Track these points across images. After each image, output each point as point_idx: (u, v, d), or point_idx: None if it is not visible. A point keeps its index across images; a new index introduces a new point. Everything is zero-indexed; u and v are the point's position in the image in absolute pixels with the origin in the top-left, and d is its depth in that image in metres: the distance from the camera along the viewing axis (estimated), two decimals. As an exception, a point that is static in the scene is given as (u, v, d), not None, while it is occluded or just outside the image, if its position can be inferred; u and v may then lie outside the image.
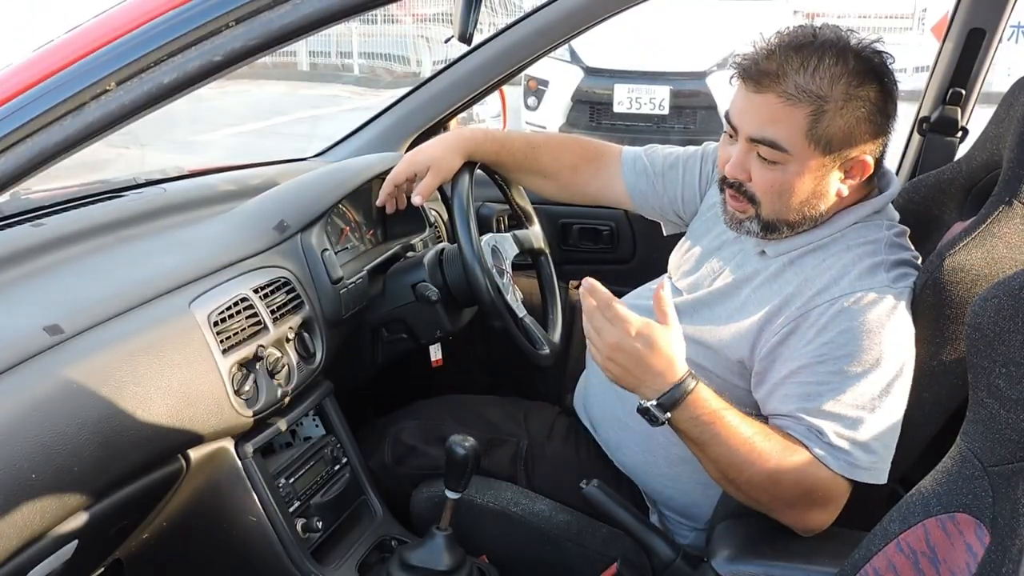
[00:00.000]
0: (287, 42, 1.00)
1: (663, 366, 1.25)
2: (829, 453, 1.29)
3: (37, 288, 1.25)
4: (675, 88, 6.53)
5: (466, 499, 1.50)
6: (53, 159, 0.97)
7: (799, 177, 1.33)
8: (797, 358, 1.33)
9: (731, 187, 1.39)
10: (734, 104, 1.37)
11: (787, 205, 1.36)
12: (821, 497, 1.30)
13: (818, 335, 1.32)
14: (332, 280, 1.59)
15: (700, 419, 1.27)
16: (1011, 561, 0.84)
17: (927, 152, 2.17)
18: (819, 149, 1.31)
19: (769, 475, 1.28)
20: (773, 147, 1.32)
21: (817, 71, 1.29)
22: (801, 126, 1.30)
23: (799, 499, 1.30)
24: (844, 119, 1.29)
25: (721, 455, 1.28)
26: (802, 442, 1.30)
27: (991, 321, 0.92)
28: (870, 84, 1.31)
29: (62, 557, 1.15)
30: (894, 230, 1.41)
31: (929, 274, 1.31)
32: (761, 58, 1.32)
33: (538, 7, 2.05)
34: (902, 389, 1.30)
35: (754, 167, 1.35)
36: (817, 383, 1.30)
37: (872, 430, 1.29)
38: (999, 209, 1.30)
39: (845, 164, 1.33)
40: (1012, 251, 1.29)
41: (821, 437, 1.30)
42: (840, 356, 1.30)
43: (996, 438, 0.91)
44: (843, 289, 1.32)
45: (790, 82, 1.29)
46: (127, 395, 1.16)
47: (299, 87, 10.49)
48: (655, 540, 1.38)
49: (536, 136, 1.81)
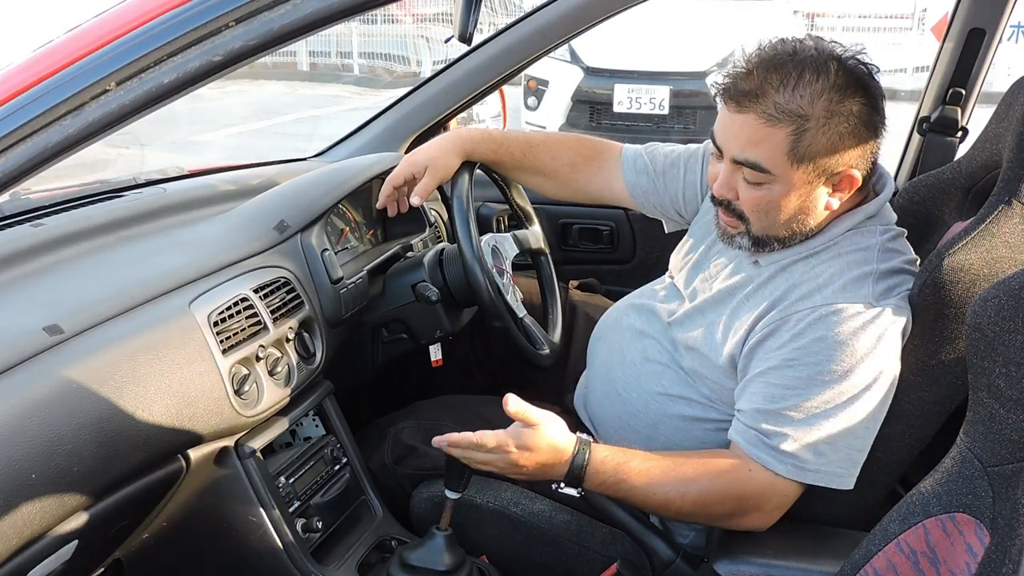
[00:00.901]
0: (287, 42, 1.00)
1: (550, 456, 1.32)
2: (774, 457, 1.32)
3: (37, 288, 1.25)
4: (675, 88, 6.53)
5: (466, 499, 1.50)
6: (53, 159, 0.97)
7: (785, 196, 1.33)
8: (769, 359, 1.34)
9: (720, 205, 1.40)
10: (718, 124, 1.36)
11: (775, 222, 1.36)
12: (754, 503, 1.34)
13: (793, 339, 1.33)
14: (332, 280, 1.59)
15: (607, 478, 1.34)
16: (1011, 561, 0.84)
17: (927, 152, 2.17)
18: (802, 167, 1.30)
19: (695, 500, 1.34)
20: (756, 169, 1.31)
21: (797, 88, 1.27)
22: (783, 146, 1.29)
23: (733, 510, 1.35)
24: (827, 136, 1.28)
25: (644, 499, 1.35)
26: (741, 446, 1.35)
27: (991, 321, 0.92)
28: (853, 97, 1.29)
29: (62, 557, 1.15)
30: (888, 234, 1.40)
31: (929, 274, 1.31)
32: (740, 78, 1.30)
33: (538, 7, 2.05)
34: (870, 400, 1.31)
35: (740, 186, 1.35)
36: (783, 386, 1.32)
37: (825, 433, 1.30)
38: (999, 209, 1.30)
39: (832, 179, 1.33)
40: (1012, 251, 1.29)
41: (768, 441, 1.32)
42: (809, 363, 1.31)
43: (996, 438, 0.91)
44: (826, 298, 1.33)
45: (770, 102, 1.27)
46: (127, 395, 1.16)
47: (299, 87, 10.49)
48: (655, 540, 1.38)
49: (535, 135, 1.81)
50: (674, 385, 1.48)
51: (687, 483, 1.33)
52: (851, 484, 1.33)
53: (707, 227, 1.59)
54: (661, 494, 1.34)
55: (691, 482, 1.34)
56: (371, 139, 2.18)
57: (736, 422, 1.38)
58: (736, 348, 1.39)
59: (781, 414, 1.32)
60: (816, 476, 1.32)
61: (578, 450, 1.33)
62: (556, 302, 1.88)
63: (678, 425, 1.48)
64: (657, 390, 1.50)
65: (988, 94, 2.16)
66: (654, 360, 1.51)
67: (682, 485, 1.33)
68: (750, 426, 1.34)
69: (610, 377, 1.57)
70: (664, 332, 1.52)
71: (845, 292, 1.33)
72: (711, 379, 1.44)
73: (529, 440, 1.31)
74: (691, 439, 1.47)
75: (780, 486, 1.33)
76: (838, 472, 1.32)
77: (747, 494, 1.34)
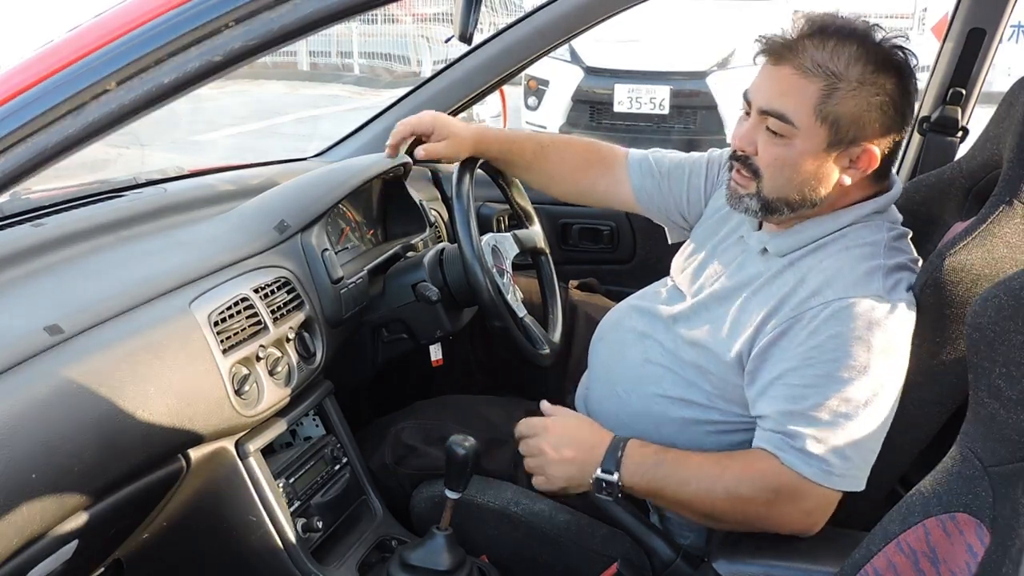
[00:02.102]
0: (287, 42, 1.00)
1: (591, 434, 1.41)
2: (802, 460, 1.30)
3: (37, 288, 1.25)
4: (675, 88, 6.53)
5: (466, 499, 1.50)
6: (53, 159, 0.97)
7: (803, 155, 1.34)
8: (787, 359, 1.33)
9: (738, 160, 1.41)
10: (753, 81, 1.39)
11: (789, 182, 1.36)
12: (788, 499, 1.32)
13: (809, 338, 1.32)
14: (332, 280, 1.59)
15: (647, 462, 1.36)
16: (1011, 561, 0.84)
17: (927, 152, 2.17)
18: (826, 127, 1.31)
19: (727, 491, 1.33)
20: (781, 119, 1.33)
21: (836, 50, 1.31)
22: (812, 100, 1.31)
23: (768, 505, 1.32)
24: (855, 101, 1.30)
25: (677, 490, 1.35)
26: (771, 451, 1.32)
27: (991, 321, 0.92)
28: (887, 75, 1.31)
29: (62, 557, 1.15)
30: (894, 232, 1.41)
31: (929, 274, 1.31)
32: (784, 33, 1.35)
33: (538, 7, 2.05)
34: (887, 398, 1.31)
35: (761, 140, 1.36)
36: (803, 385, 1.31)
37: (850, 436, 1.29)
38: (999, 209, 1.30)
39: (851, 151, 1.34)
40: (1012, 251, 1.29)
41: (794, 443, 1.31)
42: (827, 360, 1.30)
43: (996, 438, 0.91)
44: (837, 293, 1.32)
45: (807, 56, 1.31)
46: (127, 395, 1.16)
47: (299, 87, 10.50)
48: (655, 540, 1.38)
49: (544, 136, 1.82)
50: (675, 387, 1.48)
51: (719, 475, 1.33)
52: (863, 485, 1.32)
53: (711, 230, 1.60)
54: (695, 486, 1.34)
55: (722, 474, 1.33)
56: (371, 139, 2.18)
57: (759, 431, 1.36)
58: (745, 346, 1.38)
59: (805, 415, 1.30)
60: (842, 481, 1.30)
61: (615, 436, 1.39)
62: (556, 302, 1.88)
63: (679, 427, 1.48)
64: (658, 392, 1.49)
65: (988, 94, 2.16)
66: (655, 362, 1.51)
67: (715, 477, 1.33)
68: (775, 431, 1.33)
69: (610, 379, 1.57)
70: (666, 332, 1.52)
71: (857, 287, 1.32)
72: (715, 374, 1.43)
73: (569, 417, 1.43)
74: (692, 442, 1.47)
75: (813, 490, 1.31)
76: (858, 476, 1.32)
77: (781, 488, 1.31)
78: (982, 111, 1.89)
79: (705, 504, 1.35)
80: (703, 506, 1.35)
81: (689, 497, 1.35)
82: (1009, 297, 0.91)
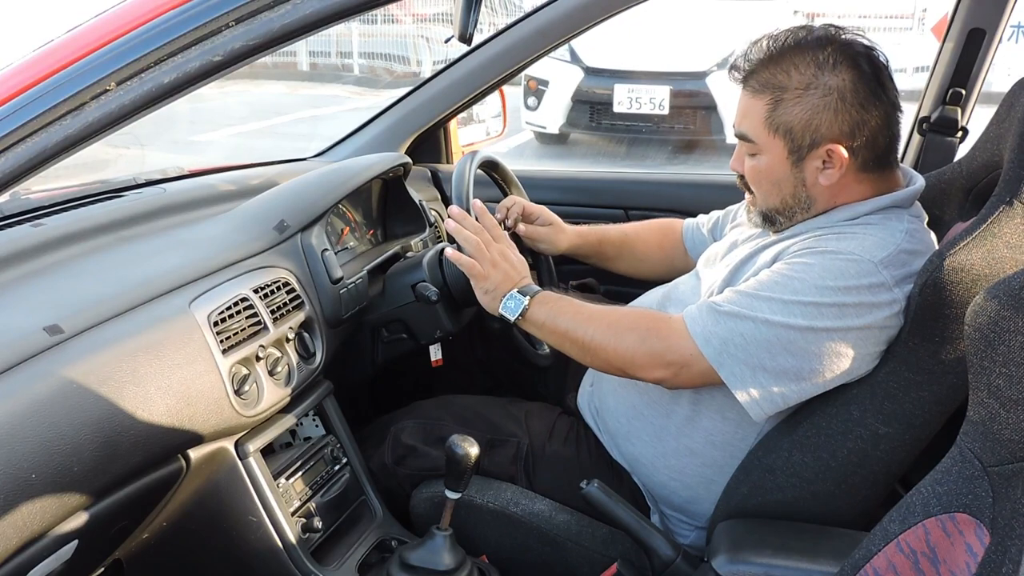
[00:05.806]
0: (287, 42, 1.00)
1: (518, 265, 1.51)
2: (697, 309, 1.37)
3: (37, 288, 1.25)
4: (675, 88, 6.54)
5: (466, 499, 1.50)
6: (53, 159, 0.97)
7: (772, 167, 1.40)
8: (758, 273, 1.39)
9: (740, 180, 1.50)
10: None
11: (770, 193, 1.43)
12: (662, 335, 1.38)
13: (781, 255, 1.38)
14: (332, 280, 1.59)
15: (551, 303, 1.45)
16: (1011, 561, 0.84)
17: (927, 152, 2.17)
18: (779, 137, 1.37)
19: (610, 324, 1.42)
20: (745, 139, 1.42)
21: (780, 63, 1.36)
22: (761, 116, 1.38)
23: (642, 339, 1.39)
24: (801, 107, 1.35)
25: (579, 327, 1.43)
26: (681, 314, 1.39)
27: (991, 321, 0.92)
28: (838, 73, 1.34)
29: (62, 557, 1.15)
30: (918, 223, 1.42)
31: (930, 274, 1.31)
32: (742, 58, 1.41)
33: (538, 7, 2.06)
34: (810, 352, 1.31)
35: (744, 161, 1.45)
36: (749, 282, 1.37)
37: (748, 329, 1.31)
38: (1000, 209, 1.30)
39: (816, 153, 1.37)
40: (1012, 251, 1.29)
41: (700, 306, 1.37)
42: (783, 272, 1.34)
43: (996, 438, 0.91)
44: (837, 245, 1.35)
45: (757, 77, 1.39)
46: (127, 395, 1.16)
47: (299, 87, 10.49)
48: (655, 540, 1.38)
49: (627, 226, 1.95)
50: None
51: (615, 323, 1.42)
52: (758, 416, 1.35)
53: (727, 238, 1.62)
54: (595, 319, 1.43)
55: (617, 320, 1.43)
56: (371, 139, 2.18)
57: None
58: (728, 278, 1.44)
59: (732, 291, 1.37)
60: (717, 358, 1.33)
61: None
62: (556, 302, 1.88)
63: (688, 415, 1.48)
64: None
65: (988, 94, 2.16)
66: None
67: (609, 325, 1.42)
68: (699, 305, 1.39)
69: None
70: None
71: (860, 248, 1.33)
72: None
73: (508, 248, 1.52)
74: (700, 430, 1.48)
75: (686, 345, 1.35)
76: (738, 377, 1.33)
77: (660, 329, 1.38)
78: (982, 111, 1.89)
79: (585, 339, 1.42)
80: (583, 340, 1.43)
81: (579, 336, 1.43)
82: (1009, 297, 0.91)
